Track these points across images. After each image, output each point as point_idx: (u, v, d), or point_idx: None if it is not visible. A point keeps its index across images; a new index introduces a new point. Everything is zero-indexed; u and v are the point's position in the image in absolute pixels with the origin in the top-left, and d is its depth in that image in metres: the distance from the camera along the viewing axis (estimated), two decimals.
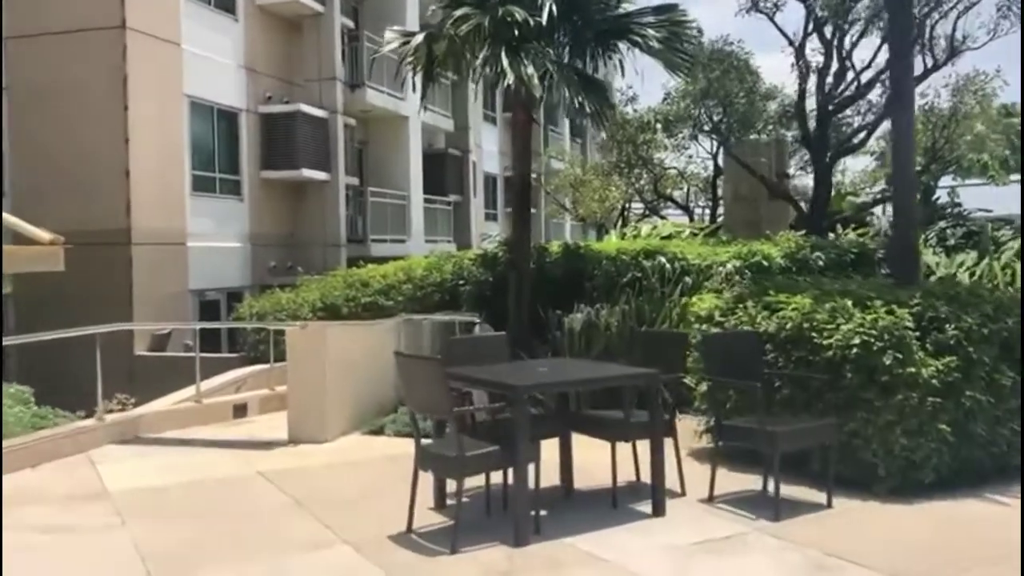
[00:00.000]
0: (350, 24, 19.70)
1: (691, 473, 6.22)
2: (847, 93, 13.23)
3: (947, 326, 6.03)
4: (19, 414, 8.80)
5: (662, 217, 21.79)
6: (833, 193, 16.01)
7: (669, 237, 15.04)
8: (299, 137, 17.50)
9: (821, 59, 12.82)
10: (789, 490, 5.81)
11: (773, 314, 6.59)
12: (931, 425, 5.82)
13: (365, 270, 13.85)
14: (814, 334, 6.18)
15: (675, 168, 20.63)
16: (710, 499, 5.93)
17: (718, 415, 6.26)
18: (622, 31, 9.16)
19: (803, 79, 12.95)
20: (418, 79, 9.66)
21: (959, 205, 18.31)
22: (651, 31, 8.97)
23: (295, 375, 8.36)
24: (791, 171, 17.66)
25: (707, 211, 21.35)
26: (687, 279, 10.09)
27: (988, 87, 15.17)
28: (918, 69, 12.21)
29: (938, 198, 18.35)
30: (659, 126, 18.55)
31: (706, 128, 15.66)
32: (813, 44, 12.81)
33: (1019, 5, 12.32)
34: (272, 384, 10.36)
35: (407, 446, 7.42)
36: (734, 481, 6.27)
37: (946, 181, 19.31)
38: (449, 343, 6.29)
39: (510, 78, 8.36)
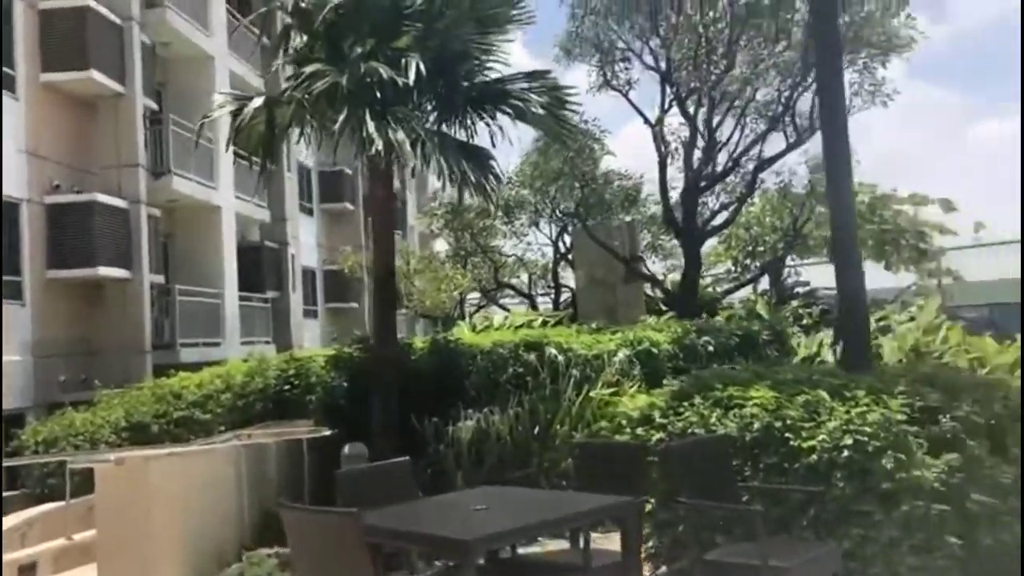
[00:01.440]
0: (153, 106, 17.67)
1: None
2: (707, 171, 12.79)
3: (941, 417, 5.15)
4: None
5: (501, 307, 20.89)
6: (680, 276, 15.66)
7: (522, 327, 14.08)
8: (95, 230, 15.16)
9: (686, 134, 12.30)
10: None
11: (727, 412, 5.51)
12: (939, 538, 4.85)
13: (177, 379, 12.00)
14: (789, 434, 5.13)
15: (514, 255, 19.88)
16: None
17: (695, 545, 4.99)
18: (499, 96, 8.09)
19: (664, 157, 12.41)
20: (229, 153, 8.16)
21: (806, 284, 18.56)
22: (533, 96, 7.96)
23: (108, 530, 6.36)
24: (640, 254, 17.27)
25: (549, 298, 20.65)
26: (574, 372, 9.00)
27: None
28: (779, 146, 12.00)
29: (786, 277, 18.56)
30: (499, 212, 17.76)
31: (553, 212, 14.96)
32: (679, 119, 12.31)
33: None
34: (70, 531, 8.19)
35: None
36: None
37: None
38: (339, 478, 4.68)
39: (378, 144, 7.01)
